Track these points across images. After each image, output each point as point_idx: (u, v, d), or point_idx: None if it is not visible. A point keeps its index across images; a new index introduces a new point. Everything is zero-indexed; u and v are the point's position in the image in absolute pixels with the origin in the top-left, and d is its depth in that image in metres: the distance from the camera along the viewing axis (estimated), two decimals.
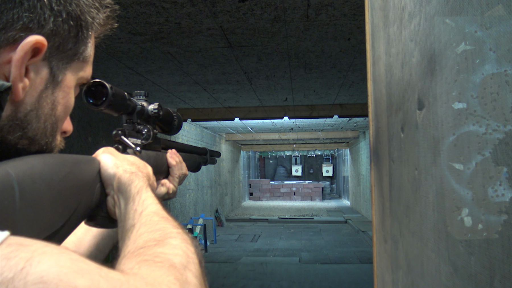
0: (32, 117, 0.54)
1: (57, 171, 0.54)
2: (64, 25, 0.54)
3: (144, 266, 0.47)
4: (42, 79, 0.54)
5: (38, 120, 0.55)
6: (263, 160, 28.69)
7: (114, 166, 0.67)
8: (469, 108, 0.65)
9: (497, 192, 0.60)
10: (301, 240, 10.79)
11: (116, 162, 0.69)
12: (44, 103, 0.55)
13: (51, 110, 0.57)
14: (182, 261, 0.50)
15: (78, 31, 0.57)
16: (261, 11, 3.07)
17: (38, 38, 0.50)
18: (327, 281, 6.75)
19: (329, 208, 18.45)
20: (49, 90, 0.55)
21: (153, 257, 0.49)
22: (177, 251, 0.52)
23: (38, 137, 0.56)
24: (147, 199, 0.64)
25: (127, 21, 3.22)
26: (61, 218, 0.53)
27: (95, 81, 0.71)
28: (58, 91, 0.57)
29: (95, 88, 0.71)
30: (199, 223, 9.67)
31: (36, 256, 0.36)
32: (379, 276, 1.32)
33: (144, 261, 0.48)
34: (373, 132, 1.37)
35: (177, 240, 0.55)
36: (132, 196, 0.64)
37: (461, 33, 0.67)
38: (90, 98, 0.71)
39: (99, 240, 0.83)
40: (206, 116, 7.99)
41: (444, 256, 0.74)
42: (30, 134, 0.54)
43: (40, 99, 0.54)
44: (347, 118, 9.19)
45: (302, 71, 4.94)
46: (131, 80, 5.29)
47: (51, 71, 0.55)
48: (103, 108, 0.71)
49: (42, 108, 0.55)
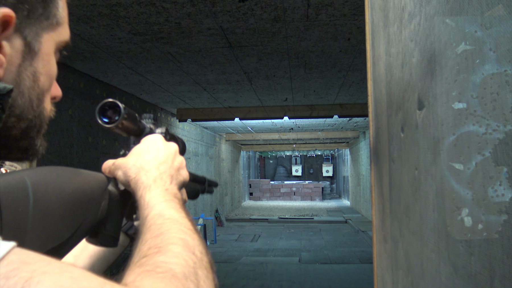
0: (15, 94, 0.51)
1: (68, 184, 0.54)
2: None
3: (145, 278, 0.46)
4: (18, 52, 0.51)
5: (22, 95, 0.53)
6: (263, 160, 28.68)
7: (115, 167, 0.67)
8: (469, 108, 0.65)
9: (497, 192, 0.60)
10: (301, 240, 10.79)
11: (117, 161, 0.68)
12: (25, 76, 0.53)
13: (34, 82, 0.54)
14: (184, 270, 0.49)
15: None
16: (261, 11, 3.07)
17: (4, 11, 0.47)
18: (327, 281, 6.75)
19: (329, 208, 18.45)
20: (27, 62, 0.53)
21: (155, 267, 0.48)
22: (178, 260, 0.50)
23: (25, 112, 0.54)
24: (151, 199, 0.62)
25: (127, 21, 3.22)
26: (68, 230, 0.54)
27: (109, 101, 0.71)
28: (37, 61, 0.54)
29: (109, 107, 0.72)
30: (199, 223, 9.67)
31: (36, 276, 0.35)
32: (379, 276, 1.32)
33: (146, 271, 0.47)
34: (373, 132, 1.37)
35: (179, 247, 0.53)
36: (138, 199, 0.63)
37: (461, 33, 0.67)
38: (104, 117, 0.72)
39: (94, 261, 0.81)
40: (206, 116, 8.00)
41: (444, 256, 0.74)
42: (17, 111, 0.52)
43: (20, 73, 0.52)
44: (347, 118, 9.19)
45: (302, 71, 4.94)
46: (131, 80, 5.29)
47: (25, 41, 0.52)
48: (115, 127, 0.71)
49: (24, 81, 0.53)
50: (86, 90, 4.99)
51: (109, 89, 5.59)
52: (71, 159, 4.64)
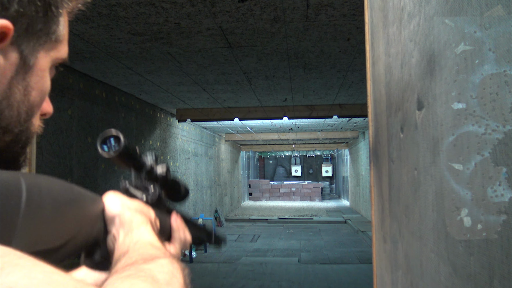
0: (3, 106, 0.51)
1: (62, 194, 0.53)
2: (30, 6, 0.51)
3: (126, 280, 0.45)
4: (12, 64, 0.51)
5: (11, 108, 0.52)
6: (263, 160, 28.68)
7: (120, 205, 0.67)
8: (468, 108, 0.65)
9: (497, 192, 0.60)
10: (301, 240, 10.79)
11: (122, 201, 0.69)
12: (16, 90, 0.52)
13: (24, 97, 0.53)
14: (166, 278, 0.49)
15: (47, 10, 0.53)
16: (260, 12, 3.07)
17: (2, 22, 0.47)
18: (326, 281, 6.75)
19: (328, 208, 18.45)
20: (20, 76, 0.52)
21: (137, 272, 0.48)
22: (162, 269, 0.51)
23: (11, 126, 0.53)
24: (145, 232, 0.63)
25: (127, 21, 3.22)
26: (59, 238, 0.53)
27: (112, 134, 0.73)
28: (30, 76, 0.54)
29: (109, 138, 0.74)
30: (199, 223, 9.66)
31: (7, 267, 0.35)
32: (379, 276, 1.32)
33: (127, 276, 0.47)
34: (372, 133, 1.37)
35: (166, 261, 0.53)
36: (131, 229, 0.63)
37: (461, 34, 0.67)
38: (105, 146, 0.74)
39: None
40: (206, 116, 8.00)
41: (444, 256, 0.74)
42: (3, 123, 0.52)
43: (11, 86, 0.51)
44: (346, 118, 9.19)
45: (301, 71, 4.94)
46: (131, 80, 5.29)
47: (21, 55, 0.52)
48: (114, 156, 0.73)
49: (14, 95, 0.52)
50: (85, 90, 4.99)
51: (109, 89, 5.59)
52: (70, 159, 4.64)
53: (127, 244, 0.61)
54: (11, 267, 0.35)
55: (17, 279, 0.35)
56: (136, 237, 0.61)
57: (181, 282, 0.51)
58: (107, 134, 0.73)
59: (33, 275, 0.36)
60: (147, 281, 0.46)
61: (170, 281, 0.49)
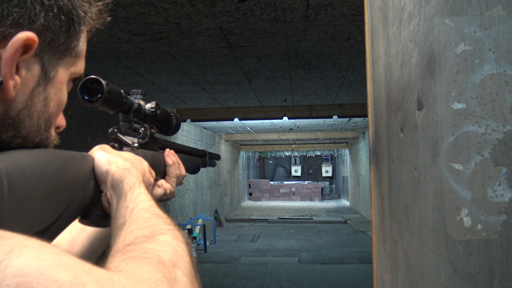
0: (24, 115, 0.53)
1: (48, 166, 0.53)
2: (55, 20, 0.53)
3: (131, 263, 0.45)
4: (34, 76, 0.53)
5: (31, 118, 0.54)
6: (263, 161, 28.68)
7: (107, 163, 0.66)
8: (468, 108, 0.65)
9: (497, 192, 0.60)
10: (301, 240, 10.79)
11: (110, 158, 0.67)
12: (37, 100, 0.54)
13: (44, 107, 0.55)
14: (172, 258, 0.48)
15: (70, 26, 0.56)
16: (260, 12, 3.07)
17: (28, 35, 0.49)
18: (326, 281, 6.75)
19: (328, 208, 18.45)
20: (41, 87, 0.54)
21: (141, 253, 0.48)
22: (166, 248, 0.50)
23: (32, 135, 0.55)
24: (139, 195, 0.63)
25: (127, 21, 3.22)
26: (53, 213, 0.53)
27: (91, 77, 0.70)
28: (50, 88, 0.56)
29: (91, 84, 0.71)
30: (199, 223, 9.66)
31: (17, 249, 0.35)
32: (379, 276, 1.32)
33: (132, 257, 0.47)
34: (372, 133, 1.38)
35: (168, 237, 0.53)
36: (124, 193, 0.63)
37: (461, 34, 0.67)
38: (85, 95, 0.71)
39: (93, 241, 0.81)
40: (206, 116, 8.00)
41: (444, 256, 0.74)
42: (23, 132, 0.53)
43: (32, 97, 0.53)
44: (346, 118, 9.19)
45: (301, 71, 4.94)
46: (131, 80, 5.29)
47: (42, 67, 0.54)
48: (98, 104, 0.70)
49: (35, 105, 0.54)
50: None
51: None
52: None
53: (123, 213, 0.60)
54: (20, 249, 0.36)
55: (27, 260, 0.35)
56: (131, 204, 0.61)
57: (186, 260, 0.51)
58: (87, 80, 0.70)
59: (43, 257, 0.36)
60: (152, 263, 0.46)
61: (175, 262, 0.48)
